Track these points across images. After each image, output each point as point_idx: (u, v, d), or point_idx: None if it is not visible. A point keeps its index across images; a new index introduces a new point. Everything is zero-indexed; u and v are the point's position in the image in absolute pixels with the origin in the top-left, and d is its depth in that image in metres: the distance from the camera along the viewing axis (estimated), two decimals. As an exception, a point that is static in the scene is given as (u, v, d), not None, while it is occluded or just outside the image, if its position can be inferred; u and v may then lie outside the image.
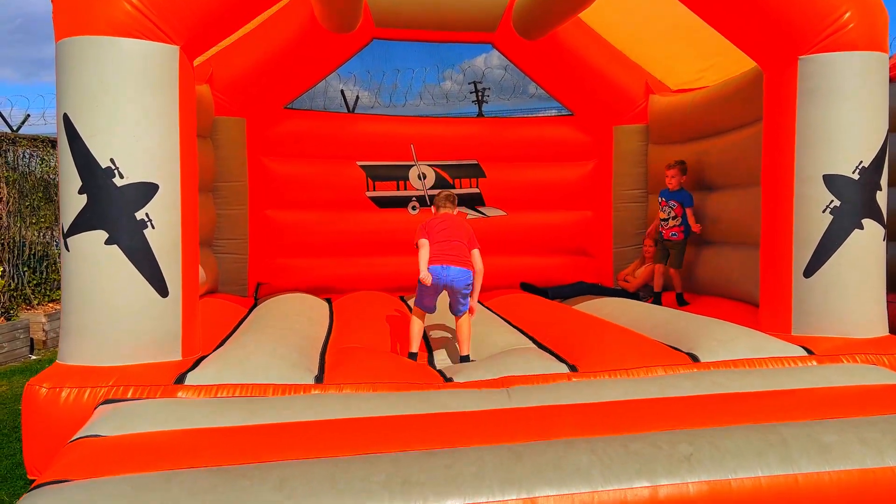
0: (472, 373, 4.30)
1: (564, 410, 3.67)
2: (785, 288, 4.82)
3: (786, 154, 4.82)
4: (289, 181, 7.96)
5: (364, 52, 8.12)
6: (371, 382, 4.06)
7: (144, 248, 4.06)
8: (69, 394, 3.81)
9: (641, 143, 8.02)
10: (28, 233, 9.46)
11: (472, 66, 9.06)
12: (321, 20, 7.02)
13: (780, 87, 4.88)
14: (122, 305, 4.04)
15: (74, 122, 4.03)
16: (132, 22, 4.04)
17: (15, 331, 8.11)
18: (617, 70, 7.89)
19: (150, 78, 4.11)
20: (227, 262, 7.61)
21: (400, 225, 8.29)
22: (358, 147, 8.21)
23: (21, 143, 9.42)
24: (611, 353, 4.41)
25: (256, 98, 7.58)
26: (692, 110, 6.96)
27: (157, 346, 4.13)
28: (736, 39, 5.08)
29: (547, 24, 7.22)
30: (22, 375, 7.32)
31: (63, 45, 4.11)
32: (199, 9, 4.23)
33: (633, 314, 5.62)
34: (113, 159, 4.01)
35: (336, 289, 7.92)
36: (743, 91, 5.99)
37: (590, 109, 8.26)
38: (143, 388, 3.84)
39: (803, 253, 4.72)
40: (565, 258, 8.36)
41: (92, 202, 4.01)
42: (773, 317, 4.93)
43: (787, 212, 4.80)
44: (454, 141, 8.41)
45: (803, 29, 4.65)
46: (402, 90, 8.93)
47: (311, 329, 5.40)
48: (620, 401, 3.78)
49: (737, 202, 6.20)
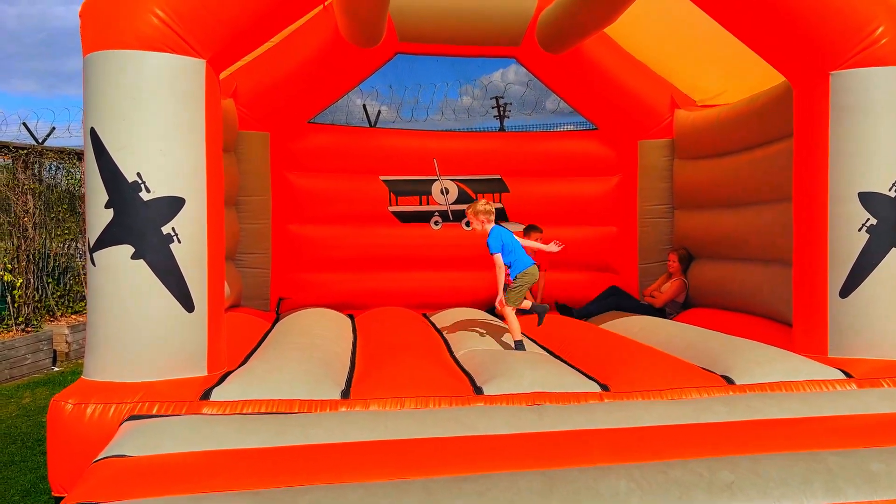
0: (503, 384, 4.21)
1: (598, 435, 3.59)
2: (820, 308, 4.70)
3: (819, 171, 4.71)
4: (312, 196, 7.94)
5: (383, 67, 8.12)
6: (398, 397, 4.00)
7: (171, 263, 4.03)
8: (94, 410, 3.77)
9: (667, 157, 7.93)
10: (53, 244, 9.51)
11: (490, 82, 9.02)
12: (345, 34, 7.02)
13: (812, 102, 4.78)
14: (148, 321, 4.01)
15: (101, 135, 4.02)
16: (159, 36, 4.03)
17: (38, 342, 8.13)
18: (642, 84, 7.81)
19: (176, 91, 4.10)
20: (249, 276, 7.59)
21: (422, 240, 8.25)
22: (381, 161, 8.18)
23: (48, 155, 9.49)
24: (643, 374, 4.31)
25: (280, 112, 7.58)
26: (719, 125, 6.87)
27: (182, 362, 4.09)
28: (765, 54, 4.99)
29: (571, 39, 7.17)
30: (45, 387, 7.33)
31: (91, 60, 4.11)
32: (225, 22, 4.22)
33: (663, 333, 5.52)
34: (140, 173, 3.99)
35: (358, 304, 7.87)
36: (772, 106, 5.89)
37: (614, 123, 8.19)
38: (168, 404, 3.80)
39: (839, 272, 4.60)
40: (590, 274, 8.26)
41: (118, 216, 3.99)
42: (807, 338, 4.81)
43: (822, 230, 4.69)
44: (477, 155, 8.36)
45: (835, 44, 4.56)
46: (423, 105, 8.91)
47: (336, 344, 5.34)
48: (655, 426, 3.68)
49: (766, 218, 6.09)
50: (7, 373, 7.62)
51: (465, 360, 5.01)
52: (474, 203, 5.48)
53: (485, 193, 8.34)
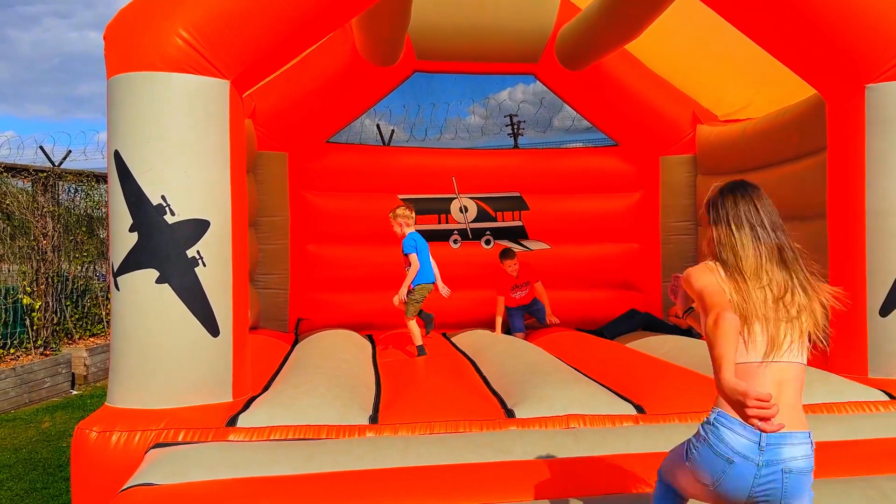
0: (535, 406, 4.10)
1: (637, 459, 3.48)
2: (859, 328, 4.57)
3: (855, 186, 4.60)
4: (330, 215, 7.89)
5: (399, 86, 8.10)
6: (428, 422, 3.91)
7: (196, 287, 3.96)
8: (119, 437, 3.70)
9: (689, 173, 7.84)
10: (71, 267, 9.50)
11: (503, 100, 8.95)
12: (363, 53, 7.00)
13: (846, 116, 4.68)
14: (173, 346, 3.94)
15: (126, 158, 3.98)
16: (184, 57, 3.99)
17: (57, 365, 8.09)
18: (663, 99, 7.74)
19: (201, 113, 4.06)
20: (267, 297, 7.53)
21: (442, 259, 8.08)
22: (399, 180, 8.13)
23: (66, 177, 9.51)
24: (678, 394, 4.21)
25: (298, 132, 7.56)
26: (745, 140, 6.77)
27: (207, 388, 4.01)
28: (797, 68, 4.90)
29: (592, 55, 7.12)
30: (64, 411, 7.28)
31: (115, 82, 4.08)
32: (249, 43, 4.18)
33: (694, 353, 5.39)
34: (164, 196, 3.94)
35: (377, 324, 7.79)
36: (801, 120, 5.79)
37: (635, 139, 8.11)
38: (194, 431, 3.72)
39: (878, 290, 4.48)
40: (612, 292, 8.15)
41: (143, 240, 3.93)
42: (846, 358, 4.67)
43: (859, 247, 4.57)
44: (496, 173, 8.29)
45: (870, 57, 4.46)
46: (437, 124, 8.84)
47: (360, 368, 5.26)
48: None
49: (797, 235, 5.93)
50: (26, 397, 7.57)
51: (493, 380, 4.91)
52: (395, 208, 6.09)
53: (504, 211, 8.27)
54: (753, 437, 2.17)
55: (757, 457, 2.17)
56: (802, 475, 2.20)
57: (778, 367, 2.26)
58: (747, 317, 2.27)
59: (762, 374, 2.24)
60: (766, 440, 2.17)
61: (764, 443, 2.17)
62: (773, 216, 2.49)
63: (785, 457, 2.18)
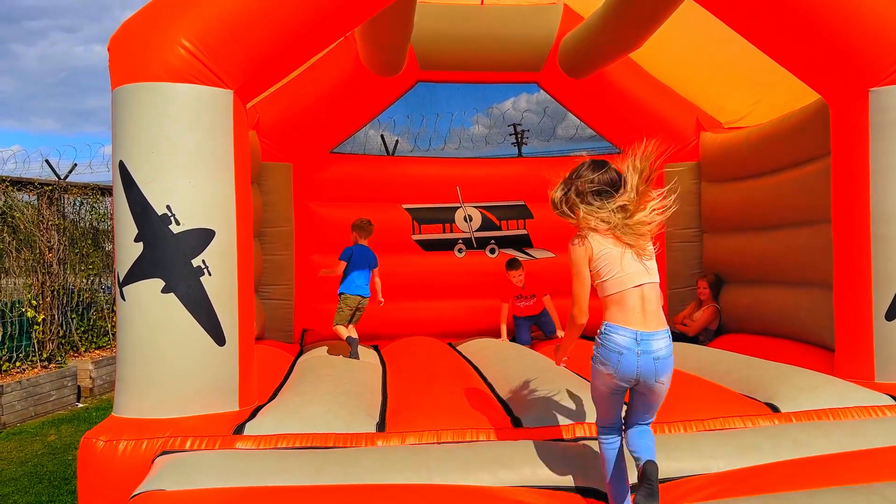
0: (542, 416, 4.09)
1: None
2: (865, 332, 4.55)
3: (859, 191, 4.60)
4: (334, 225, 7.90)
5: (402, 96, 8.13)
6: (435, 430, 3.89)
7: (201, 296, 3.97)
8: (126, 446, 3.70)
9: (693, 181, 7.81)
10: (76, 279, 9.52)
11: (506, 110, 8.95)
12: (366, 63, 7.03)
13: (850, 121, 4.68)
14: (179, 355, 3.94)
15: (130, 169, 4.00)
16: (187, 67, 4.02)
17: (63, 378, 8.09)
18: (666, 107, 7.74)
19: (205, 122, 4.08)
20: (272, 307, 7.53)
21: (446, 268, 8.17)
22: (403, 190, 8.15)
23: (71, 190, 9.55)
24: (684, 402, 4.18)
25: (302, 143, 7.58)
26: (749, 146, 6.76)
27: (214, 397, 4.01)
28: (800, 73, 4.91)
29: (594, 64, 7.14)
30: (70, 424, 7.28)
31: (119, 93, 4.10)
32: (252, 53, 4.21)
33: (699, 360, 5.37)
34: (169, 206, 3.96)
35: (382, 334, 7.78)
36: (805, 126, 5.79)
37: (638, 147, 8.08)
38: (201, 439, 3.72)
39: (884, 295, 4.47)
40: (617, 300, 8.11)
41: (148, 250, 3.94)
42: (852, 363, 4.66)
43: (864, 251, 4.56)
44: (500, 182, 8.30)
45: (874, 61, 4.47)
46: (441, 134, 8.86)
47: (366, 376, 5.25)
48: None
49: (801, 240, 5.95)
50: (32, 410, 7.57)
51: (499, 389, 4.89)
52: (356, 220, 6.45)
53: (508, 220, 8.27)
54: (631, 335, 3.09)
55: (636, 348, 3.08)
56: (666, 359, 3.14)
57: (639, 289, 3.12)
58: (613, 264, 3.14)
59: (631, 296, 3.11)
60: (640, 337, 3.09)
61: (639, 339, 3.09)
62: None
63: (653, 348, 3.10)
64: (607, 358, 3.11)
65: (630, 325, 3.08)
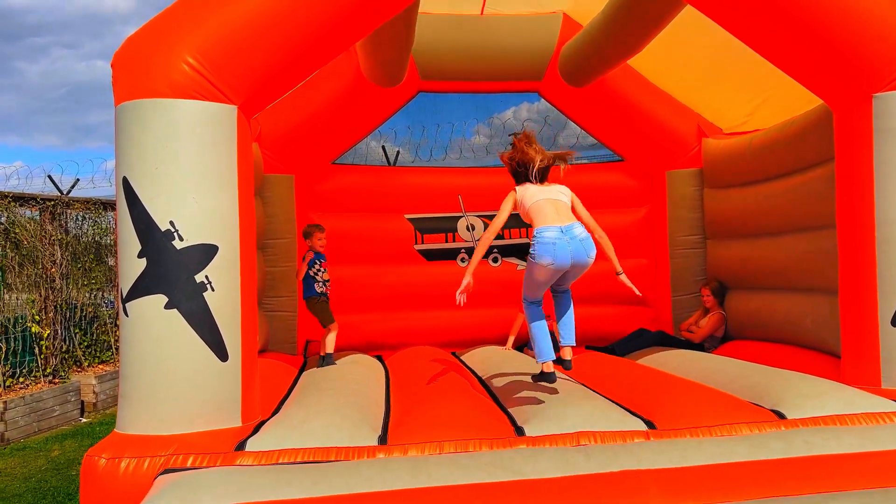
0: (545, 424, 4.07)
1: (649, 475, 3.45)
2: (871, 338, 4.53)
3: (864, 196, 4.59)
4: (337, 236, 7.88)
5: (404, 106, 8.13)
6: (438, 442, 3.87)
7: (204, 312, 3.96)
8: (129, 464, 3.68)
9: (696, 187, 7.81)
10: (79, 294, 9.52)
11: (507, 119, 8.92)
12: (367, 74, 7.04)
13: (854, 126, 4.67)
14: (182, 371, 3.93)
15: (134, 185, 4.00)
16: (191, 83, 4.03)
17: (66, 393, 8.09)
18: (667, 114, 7.74)
19: (209, 138, 4.08)
20: (276, 320, 7.52)
21: (449, 277, 8.07)
22: (405, 200, 8.14)
23: (74, 206, 9.56)
24: (689, 409, 4.17)
25: (304, 154, 7.59)
26: (751, 152, 6.76)
27: (216, 413, 4.00)
28: (803, 79, 4.90)
29: (595, 71, 7.14)
30: (73, 439, 7.27)
31: (123, 109, 4.11)
32: (256, 68, 4.21)
33: (704, 367, 5.35)
34: (172, 222, 3.95)
35: (386, 344, 7.77)
36: (808, 131, 5.78)
37: (641, 154, 8.10)
38: (203, 456, 3.70)
39: (890, 300, 4.45)
40: (622, 308, 8.10)
41: (151, 266, 3.94)
42: (858, 369, 4.63)
43: (869, 256, 4.54)
44: (502, 190, 8.14)
45: (876, 66, 4.46)
46: (441, 144, 8.83)
47: (369, 388, 5.24)
48: (708, 465, 3.54)
49: (806, 246, 5.94)
50: (35, 426, 7.56)
51: (503, 398, 4.88)
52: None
53: (511, 228, 8.25)
54: (556, 229, 4.26)
55: (564, 237, 4.23)
56: (588, 239, 4.33)
57: (553, 201, 4.47)
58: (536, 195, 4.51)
59: (546, 205, 4.43)
60: (563, 229, 4.28)
61: (563, 230, 4.27)
62: None
63: (575, 234, 4.28)
64: (544, 251, 4.21)
65: (552, 223, 4.29)
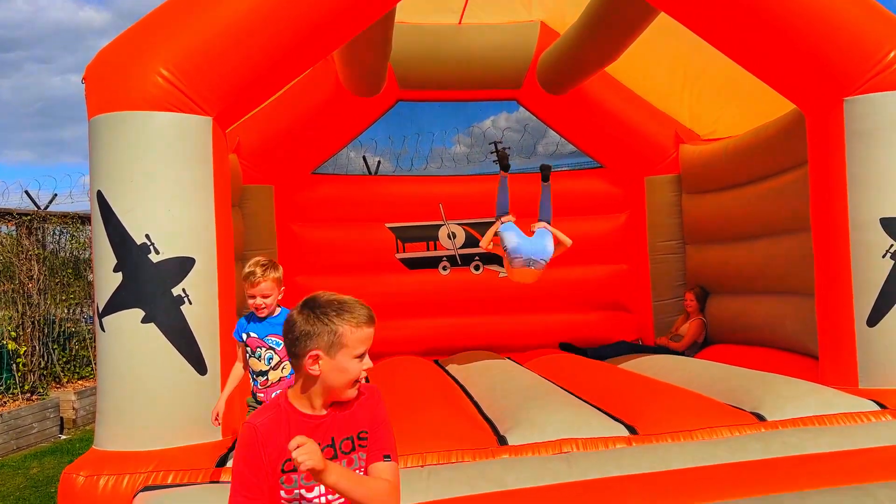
0: (528, 432, 4.06)
1: (631, 480, 3.45)
2: (847, 338, 4.58)
3: (837, 199, 4.64)
4: (318, 246, 7.88)
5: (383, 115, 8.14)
6: (419, 453, 3.85)
7: (182, 325, 3.93)
8: (108, 481, 3.63)
9: (674, 193, 7.87)
10: (57, 310, 9.40)
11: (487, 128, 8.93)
12: (346, 84, 7.04)
13: (826, 130, 4.73)
14: (161, 386, 3.90)
15: (108, 198, 3.97)
16: (164, 95, 4.00)
17: (45, 410, 7.98)
18: (645, 120, 7.80)
19: (184, 150, 4.06)
20: (258, 331, 7.47)
21: (431, 286, 8.15)
22: (386, 209, 8.13)
23: (51, 220, 9.45)
24: (671, 414, 4.17)
25: (283, 164, 7.56)
26: (727, 157, 6.82)
27: (196, 427, 3.96)
28: (775, 84, 4.96)
29: (572, 79, 7.19)
30: (52, 456, 7.17)
31: (96, 122, 4.08)
32: (230, 79, 4.20)
33: (685, 371, 5.38)
34: (148, 235, 3.92)
35: (369, 353, 7.72)
36: (782, 136, 5.84)
37: (619, 161, 8.15)
38: (183, 472, 3.66)
39: (865, 301, 4.50)
40: (603, 314, 8.14)
41: (127, 280, 3.91)
42: (836, 369, 4.68)
43: (844, 258, 4.59)
44: (483, 198, 8.26)
45: (847, 70, 4.52)
46: (422, 154, 8.83)
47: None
48: (690, 468, 3.55)
49: (783, 249, 5.99)
50: (13, 443, 7.45)
51: (485, 406, 4.87)
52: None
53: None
54: (525, 235, 6.17)
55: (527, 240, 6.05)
56: (547, 236, 6.12)
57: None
58: None
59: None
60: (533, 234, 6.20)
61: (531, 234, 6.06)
62: None
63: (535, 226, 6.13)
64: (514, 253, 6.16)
65: None
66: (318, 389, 2.20)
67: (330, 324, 2.12)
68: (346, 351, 2.14)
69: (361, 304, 2.21)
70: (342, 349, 2.14)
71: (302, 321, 2.14)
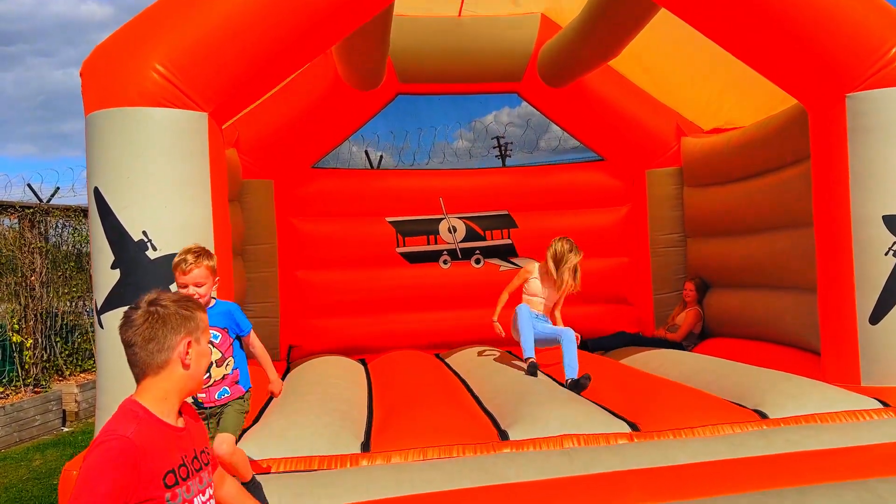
0: (529, 428, 4.06)
1: (632, 476, 3.45)
2: (850, 336, 4.56)
3: (840, 195, 4.61)
4: (318, 241, 7.86)
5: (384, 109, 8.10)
6: (421, 448, 3.85)
7: (180, 322, 3.91)
8: (106, 479, 3.62)
9: (676, 186, 7.84)
10: (60, 303, 9.41)
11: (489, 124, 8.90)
12: (345, 78, 7.01)
13: (828, 125, 4.70)
14: (159, 382, 3.88)
15: (105, 195, 3.96)
16: (161, 91, 3.99)
17: (47, 402, 8.00)
18: (646, 113, 7.77)
19: (180, 146, 4.05)
20: (257, 325, 7.36)
21: (432, 280, 8.14)
22: (386, 203, 8.11)
23: (54, 213, 9.45)
24: (672, 411, 4.17)
25: (283, 159, 7.54)
26: (729, 151, 6.78)
27: (195, 424, 3.95)
28: (778, 79, 4.93)
29: (573, 72, 7.15)
30: (55, 449, 7.19)
31: (93, 118, 4.06)
32: (226, 75, 4.18)
33: (686, 367, 5.36)
34: (145, 231, 3.92)
35: (369, 348, 7.74)
36: (784, 130, 5.81)
37: (621, 154, 8.12)
38: (182, 469, 3.66)
39: (867, 298, 4.48)
40: (604, 307, 8.12)
41: (125, 277, 3.90)
42: (838, 366, 4.66)
43: (846, 255, 4.57)
44: (483, 192, 8.28)
45: (849, 66, 4.49)
46: (424, 149, 8.80)
47: (352, 393, 5.21)
48: (691, 463, 3.55)
49: (783, 244, 5.97)
50: (16, 436, 7.48)
51: (486, 400, 4.87)
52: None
53: (493, 230, 8.25)
54: (531, 311, 5.64)
55: (534, 317, 5.69)
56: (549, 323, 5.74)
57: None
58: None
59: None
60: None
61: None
62: None
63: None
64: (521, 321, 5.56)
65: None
66: (178, 388, 2.08)
67: (192, 310, 2.12)
68: (205, 335, 2.18)
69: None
70: (204, 332, 2.16)
71: (163, 314, 2.06)
